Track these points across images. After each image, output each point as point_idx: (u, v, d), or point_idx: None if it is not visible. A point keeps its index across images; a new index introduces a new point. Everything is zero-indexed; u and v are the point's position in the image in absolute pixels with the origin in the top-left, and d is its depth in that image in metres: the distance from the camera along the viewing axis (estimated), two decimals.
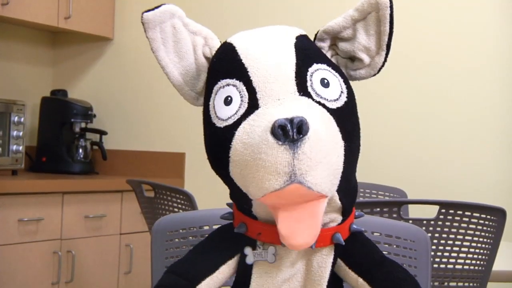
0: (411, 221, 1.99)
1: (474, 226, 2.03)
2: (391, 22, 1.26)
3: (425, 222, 2.03)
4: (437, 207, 2.03)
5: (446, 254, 2.05)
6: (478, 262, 2.07)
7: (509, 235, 2.68)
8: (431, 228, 2.02)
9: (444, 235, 2.03)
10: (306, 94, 1.19)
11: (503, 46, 3.48)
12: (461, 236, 2.04)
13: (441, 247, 2.04)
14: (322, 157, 1.13)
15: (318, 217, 1.16)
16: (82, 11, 4.04)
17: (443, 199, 2.05)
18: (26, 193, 3.33)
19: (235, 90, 1.20)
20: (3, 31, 4.04)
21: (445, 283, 2.09)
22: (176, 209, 2.59)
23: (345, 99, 1.22)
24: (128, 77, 4.24)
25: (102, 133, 4.13)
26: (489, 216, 2.04)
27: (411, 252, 1.45)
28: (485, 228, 2.04)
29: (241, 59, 1.22)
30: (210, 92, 1.24)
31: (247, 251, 1.24)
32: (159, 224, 1.57)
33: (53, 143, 4.06)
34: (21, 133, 3.70)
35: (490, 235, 2.06)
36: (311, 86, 1.20)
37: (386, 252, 1.43)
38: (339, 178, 1.19)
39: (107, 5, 4.21)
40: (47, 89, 4.24)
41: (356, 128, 1.24)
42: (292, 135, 1.10)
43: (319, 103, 1.19)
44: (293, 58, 1.22)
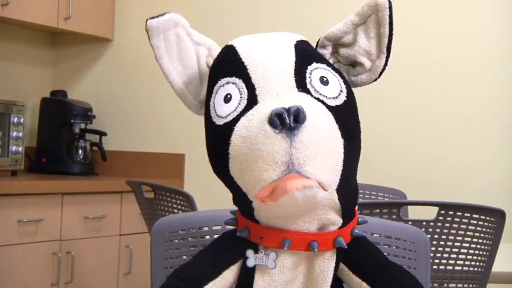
0: (410, 222, 1.99)
1: (473, 228, 2.03)
2: (390, 24, 1.25)
3: (424, 223, 2.03)
4: (437, 208, 2.03)
5: (446, 255, 2.05)
6: (477, 263, 2.08)
7: (509, 236, 2.68)
8: (430, 229, 2.03)
9: (443, 236, 2.03)
10: (305, 90, 1.19)
11: (502, 47, 3.49)
12: (460, 237, 2.04)
13: (440, 248, 2.04)
14: (320, 148, 1.13)
15: (312, 199, 1.14)
16: (82, 12, 4.04)
17: (443, 201, 2.05)
18: (25, 194, 3.33)
19: (234, 87, 1.20)
20: (2, 32, 4.04)
21: (445, 284, 2.09)
22: (175, 210, 2.59)
23: (345, 98, 1.22)
24: (127, 78, 4.24)
25: (102, 134, 4.13)
26: (488, 218, 2.04)
27: (410, 253, 1.45)
28: (484, 229, 2.04)
29: (241, 58, 1.22)
30: (211, 92, 1.24)
31: (249, 253, 1.23)
32: (159, 225, 1.57)
33: (52, 144, 4.06)
34: (20, 134, 3.70)
35: (490, 236, 2.06)
36: (310, 83, 1.20)
37: (386, 254, 1.43)
38: (339, 175, 1.18)
39: (107, 6, 4.21)
40: (47, 90, 4.24)
41: (356, 130, 1.23)
42: (289, 123, 1.10)
43: (318, 99, 1.19)
44: (292, 57, 1.22)
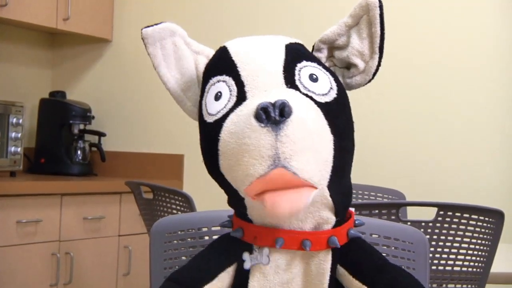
0: (409, 223, 1.99)
1: (472, 228, 2.03)
2: (382, 24, 1.25)
3: (423, 224, 2.03)
4: (436, 209, 2.03)
5: (445, 256, 2.05)
6: (476, 264, 2.08)
7: (507, 237, 2.69)
8: (429, 230, 2.03)
9: (442, 237, 2.03)
10: (293, 87, 1.20)
11: (502, 47, 3.49)
12: (459, 238, 2.04)
13: (439, 249, 2.04)
14: (308, 143, 1.13)
15: (301, 195, 1.13)
16: (81, 12, 4.04)
17: (442, 201, 2.05)
18: (24, 194, 3.33)
19: (224, 85, 1.21)
20: (1, 33, 4.04)
21: (444, 285, 2.09)
22: (174, 211, 2.59)
23: (335, 96, 1.22)
24: (127, 79, 4.24)
25: (101, 134, 4.13)
26: (487, 218, 2.04)
27: (409, 254, 1.45)
28: (483, 230, 2.04)
29: (232, 57, 1.23)
30: (203, 91, 1.24)
31: (245, 256, 1.23)
32: (158, 225, 1.57)
33: (51, 145, 4.06)
34: (19, 135, 3.70)
35: (488, 237, 2.06)
36: (299, 79, 1.21)
37: (385, 254, 1.43)
38: (329, 172, 1.18)
39: (106, 6, 4.21)
40: (46, 91, 4.24)
41: (347, 128, 1.22)
42: (274, 117, 1.10)
43: (306, 95, 1.19)
44: (282, 55, 1.23)
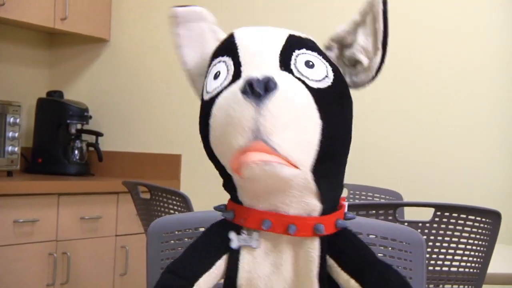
0: (406, 224, 2.00)
1: (469, 229, 2.04)
2: (385, 20, 1.25)
3: (420, 224, 2.03)
4: (433, 209, 2.03)
5: (441, 256, 2.05)
6: (473, 264, 2.08)
7: (504, 238, 2.69)
8: (426, 231, 2.03)
9: (439, 238, 2.03)
10: (287, 70, 1.21)
11: (501, 48, 3.49)
12: (456, 239, 2.04)
13: (436, 250, 2.04)
14: (290, 121, 1.14)
15: (277, 164, 1.14)
16: (79, 12, 4.04)
17: (439, 202, 2.06)
18: (21, 194, 3.33)
19: (224, 65, 1.24)
20: None
21: (440, 286, 2.10)
22: (172, 211, 2.59)
23: (329, 84, 1.22)
24: (124, 79, 4.24)
25: (98, 134, 4.13)
26: (484, 219, 2.04)
27: (406, 254, 1.46)
28: (480, 230, 2.04)
29: (235, 40, 1.25)
30: (207, 73, 1.27)
31: (232, 235, 1.24)
32: (155, 225, 1.57)
33: (49, 145, 4.06)
34: (16, 134, 3.70)
35: (485, 237, 2.06)
36: (294, 64, 1.22)
37: (382, 254, 1.43)
38: (313, 156, 1.18)
39: (103, 6, 4.21)
40: (43, 90, 4.24)
41: (341, 117, 1.23)
42: (258, 91, 1.13)
43: (299, 79, 1.20)
44: (282, 41, 1.24)
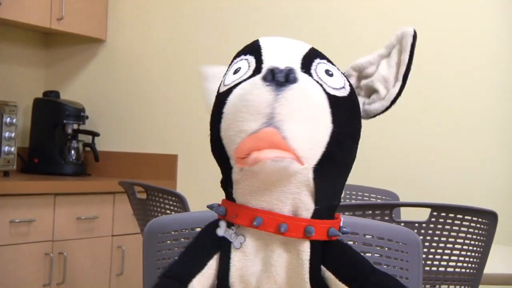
0: (403, 224, 2.00)
1: (465, 229, 2.04)
2: (411, 53, 1.29)
3: (417, 224, 2.03)
4: (429, 210, 2.03)
5: (438, 257, 2.05)
6: (469, 265, 2.08)
7: (500, 238, 2.69)
8: (423, 231, 2.03)
9: (435, 238, 2.03)
10: (307, 73, 1.23)
11: (500, 49, 3.49)
12: (452, 239, 2.04)
13: (432, 250, 2.04)
14: (305, 115, 1.16)
15: (286, 158, 1.15)
16: (75, 12, 4.03)
17: (435, 202, 2.06)
18: (18, 194, 3.32)
19: (245, 62, 1.26)
20: None
21: (437, 286, 2.10)
22: (168, 211, 2.59)
23: (345, 94, 1.24)
24: (120, 79, 4.24)
25: (95, 134, 4.13)
26: (480, 219, 2.04)
27: (402, 254, 1.46)
28: (476, 231, 2.04)
29: (260, 43, 1.29)
30: (225, 74, 1.29)
31: (221, 223, 1.25)
32: (151, 226, 1.57)
33: (45, 145, 4.05)
34: (13, 134, 3.69)
35: (482, 238, 2.06)
36: (315, 70, 1.24)
37: (378, 255, 1.43)
38: (319, 155, 1.19)
39: (100, 6, 4.21)
40: (40, 90, 4.23)
41: (351, 128, 1.24)
42: (280, 78, 1.15)
43: (317, 82, 1.22)
44: (305, 49, 1.27)
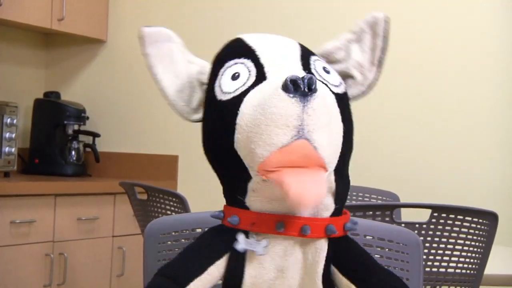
0: (403, 225, 2.00)
1: (466, 230, 2.04)
2: (385, 38, 1.30)
3: (417, 225, 2.03)
4: (430, 210, 2.03)
5: (438, 257, 2.05)
6: (470, 266, 2.08)
7: (501, 239, 2.69)
8: (423, 232, 2.03)
9: (436, 239, 2.03)
10: (310, 73, 1.23)
11: (501, 47, 3.49)
12: (453, 240, 2.04)
13: (433, 251, 2.04)
14: (327, 122, 1.16)
15: (321, 181, 1.14)
16: (76, 13, 4.03)
17: (436, 203, 2.06)
18: (18, 195, 3.32)
19: (243, 66, 1.23)
20: None
21: (437, 287, 2.10)
22: (168, 212, 2.59)
23: (344, 90, 1.26)
24: (121, 79, 4.24)
25: (95, 135, 4.13)
26: (481, 220, 2.04)
27: (403, 255, 1.46)
28: (477, 232, 2.04)
29: (248, 44, 1.26)
30: (215, 76, 1.26)
31: (240, 237, 1.22)
32: (152, 226, 1.57)
33: (45, 145, 4.05)
34: (13, 135, 3.69)
35: (482, 239, 2.06)
36: (315, 69, 1.25)
37: (378, 256, 1.43)
38: (338, 157, 1.20)
39: (100, 7, 4.21)
40: (40, 91, 4.23)
41: (351, 122, 1.26)
42: (303, 88, 1.13)
43: (322, 82, 1.23)
44: (297, 47, 1.27)
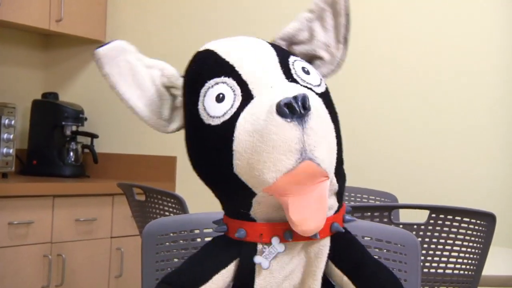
0: (401, 226, 2.00)
1: (464, 231, 2.04)
2: (347, 14, 1.30)
3: (415, 226, 2.03)
4: (428, 211, 2.03)
5: (436, 258, 2.05)
6: (468, 267, 2.08)
7: (499, 240, 2.69)
8: (421, 233, 2.03)
9: (434, 240, 2.03)
10: (293, 81, 1.22)
11: (500, 48, 3.49)
12: (451, 241, 2.04)
13: (431, 252, 2.04)
14: (324, 133, 1.16)
15: (324, 201, 1.16)
16: (74, 14, 4.03)
17: (434, 204, 2.06)
18: (16, 196, 3.32)
19: (225, 86, 1.20)
20: None
21: None
22: (167, 213, 2.58)
23: (325, 86, 1.27)
24: None
25: (93, 136, 4.12)
26: (479, 221, 2.04)
27: (401, 256, 1.46)
28: (475, 233, 2.05)
29: (224, 59, 1.23)
30: (196, 96, 1.23)
31: (257, 259, 1.21)
32: (150, 227, 1.57)
33: (44, 146, 4.05)
34: (11, 136, 3.69)
35: (480, 240, 2.06)
36: (296, 73, 1.24)
37: (377, 257, 1.43)
38: (335, 158, 1.22)
39: (99, 8, 4.21)
40: (38, 92, 4.23)
41: (336, 114, 1.26)
42: (299, 111, 1.12)
43: (306, 87, 1.22)
44: (272, 51, 1.25)
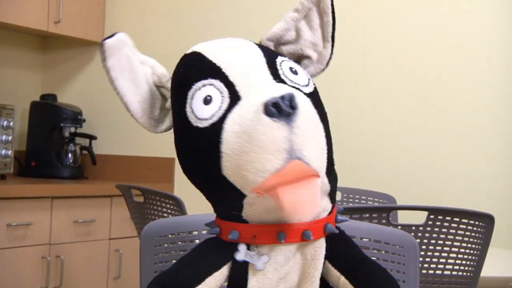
0: (400, 227, 2.00)
1: (462, 232, 2.04)
2: (333, 13, 1.31)
3: (414, 228, 2.03)
4: (426, 213, 2.04)
5: (435, 260, 2.05)
6: (466, 268, 2.08)
7: (497, 241, 2.69)
8: (419, 234, 2.03)
9: (432, 241, 2.03)
10: (281, 81, 1.22)
11: (500, 49, 3.49)
12: (449, 242, 2.04)
13: (429, 253, 2.05)
14: (313, 133, 1.16)
15: (316, 192, 1.15)
16: (72, 15, 4.03)
17: (432, 205, 2.06)
18: (15, 197, 3.32)
19: (212, 88, 1.20)
20: None
21: None
22: (165, 214, 2.59)
23: (314, 86, 1.26)
24: None
25: (92, 137, 4.12)
26: (477, 222, 2.04)
27: (399, 258, 1.46)
28: (473, 234, 2.05)
29: (211, 60, 1.23)
30: (184, 99, 1.22)
31: (241, 247, 1.21)
32: (148, 229, 1.57)
33: (42, 148, 4.05)
34: (10, 138, 3.69)
35: (479, 241, 2.06)
36: (283, 74, 1.23)
37: (375, 258, 1.44)
38: (326, 158, 1.21)
39: (97, 9, 4.21)
40: (37, 94, 4.23)
41: (325, 114, 1.26)
42: (287, 110, 1.11)
43: (294, 87, 1.22)
44: (260, 52, 1.25)
